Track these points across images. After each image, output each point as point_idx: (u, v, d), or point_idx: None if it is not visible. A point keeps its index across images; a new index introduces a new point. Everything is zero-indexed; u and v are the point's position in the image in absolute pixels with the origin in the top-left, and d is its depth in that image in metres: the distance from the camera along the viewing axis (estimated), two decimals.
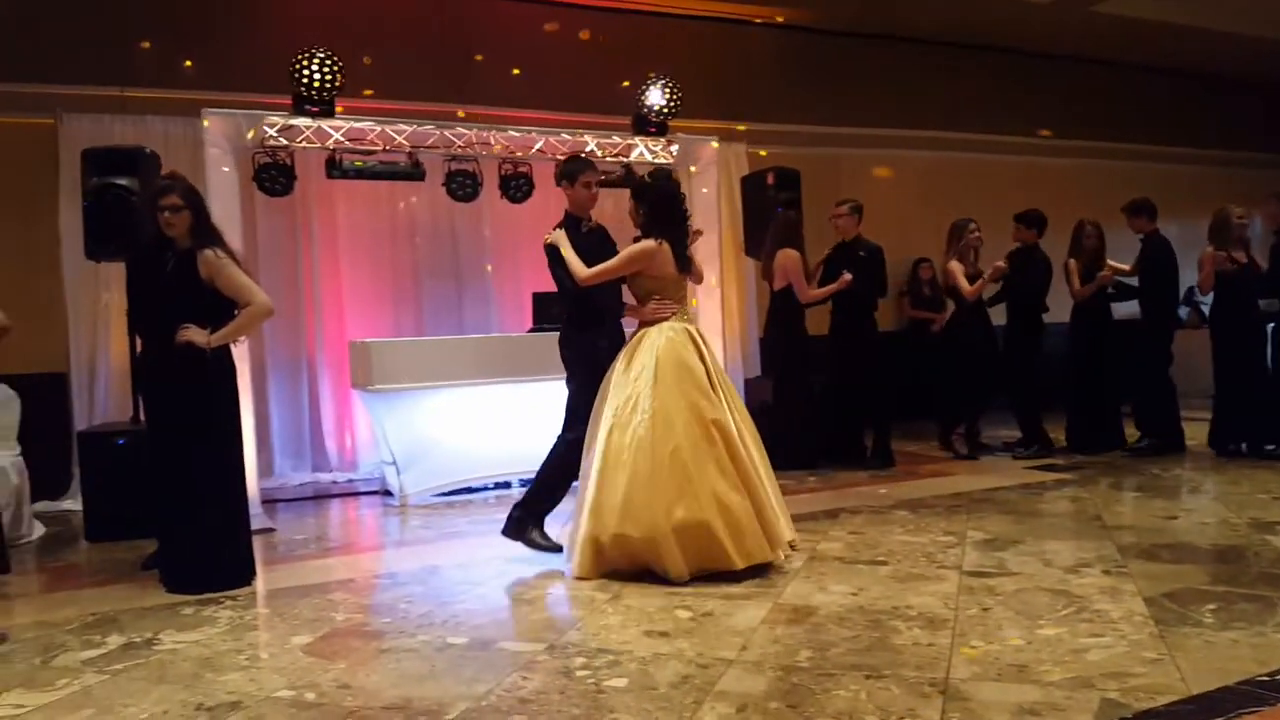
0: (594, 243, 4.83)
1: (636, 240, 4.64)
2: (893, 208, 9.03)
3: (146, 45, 6.99)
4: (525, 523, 4.79)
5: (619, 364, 4.52)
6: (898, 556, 4.55)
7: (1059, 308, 7.52)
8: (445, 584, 4.51)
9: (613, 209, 6.19)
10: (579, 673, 3.18)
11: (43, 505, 6.31)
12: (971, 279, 7.16)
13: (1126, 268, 7.32)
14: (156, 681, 3.28)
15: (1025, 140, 10.42)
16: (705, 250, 7.50)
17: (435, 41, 7.74)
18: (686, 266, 4.66)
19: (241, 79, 6.96)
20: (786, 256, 6.94)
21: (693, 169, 7.57)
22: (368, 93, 7.20)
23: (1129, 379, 7.32)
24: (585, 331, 4.82)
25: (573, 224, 4.89)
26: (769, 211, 7.42)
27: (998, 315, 7.46)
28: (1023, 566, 4.27)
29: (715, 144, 7.67)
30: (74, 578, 4.94)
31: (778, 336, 7.20)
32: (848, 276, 6.78)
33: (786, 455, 6.92)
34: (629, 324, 4.85)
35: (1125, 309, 7.46)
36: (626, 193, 5.01)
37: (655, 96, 7.33)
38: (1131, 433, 7.38)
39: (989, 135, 10.08)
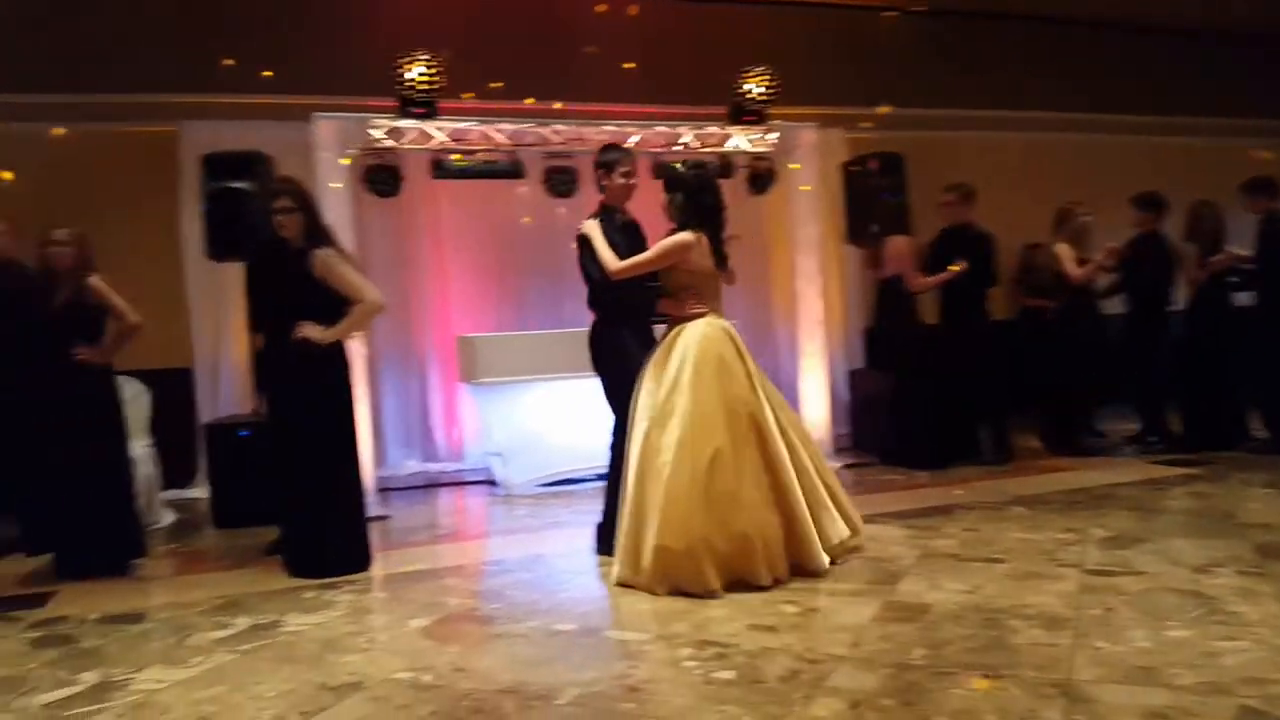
0: (628, 236, 4.68)
1: (671, 233, 4.43)
2: (1003, 191, 8.71)
3: (259, 55, 7.23)
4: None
5: (654, 360, 4.33)
6: (1014, 554, 4.41)
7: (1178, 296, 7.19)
8: (551, 572, 4.59)
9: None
10: (686, 663, 3.19)
11: (171, 493, 6.61)
12: (1082, 265, 6.88)
13: (1247, 253, 6.95)
14: (282, 661, 3.42)
15: (1141, 119, 9.97)
16: (804, 239, 7.46)
17: (532, 39, 7.79)
18: (723, 263, 4.47)
19: (350, 83, 7.13)
20: (897, 242, 6.73)
21: (791, 165, 7.49)
22: (468, 95, 7.30)
23: (1252, 371, 6.94)
24: (613, 327, 4.69)
25: (607, 216, 4.72)
26: (871, 198, 7.28)
27: (1117, 305, 7.17)
28: (1148, 565, 4.10)
29: (815, 131, 7.57)
30: (202, 562, 5.19)
31: (890, 327, 6.97)
32: (957, 267, 6.56)
33: (899, 450, 6.85)
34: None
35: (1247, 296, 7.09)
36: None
37: (753, 85, 7.25)
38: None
39: (1104, 115, 9.67)
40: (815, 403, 7.43)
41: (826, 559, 4.15)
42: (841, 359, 8.10)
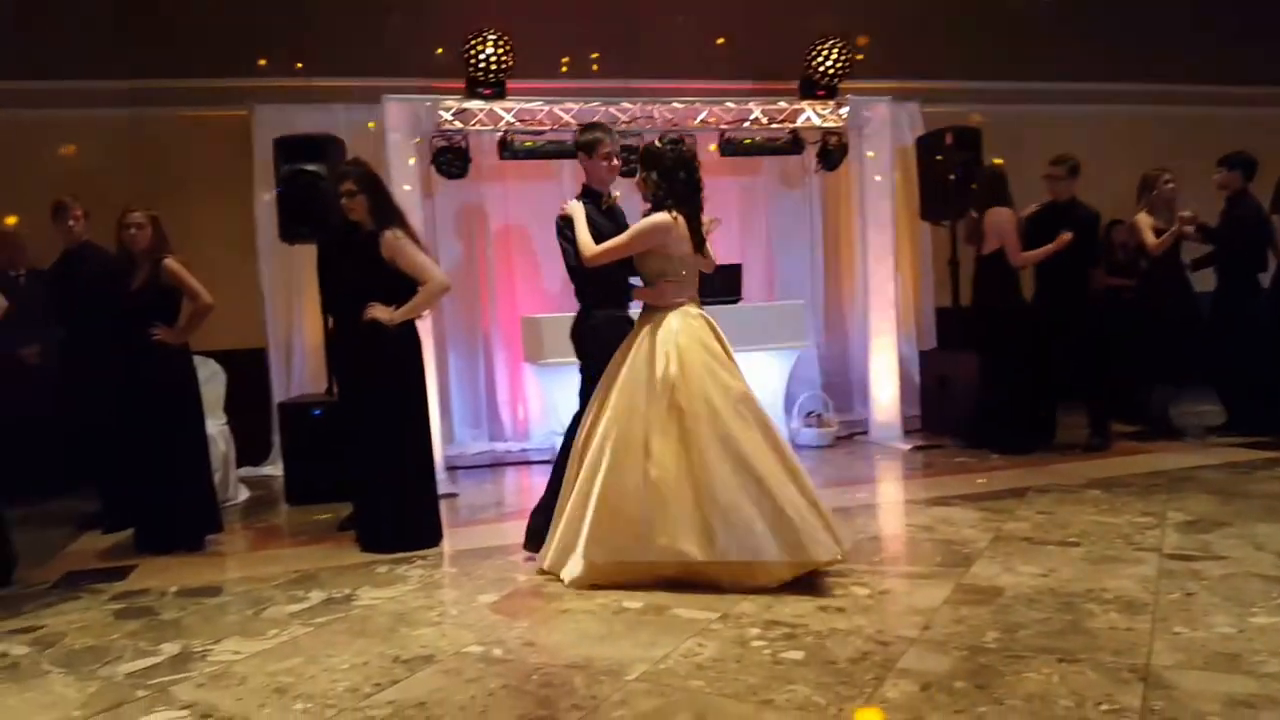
0: (613, 221, 4.44)
1: (646, 214, 4.16)
2: (1083, 169, 8.50)
3: (329, 38, 7.33)
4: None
5: (629, 351, 4.06)
6: (1091, 537, 4.31)
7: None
8: None
9: None
10: (754, 643, 3.18)
11: (246, 470, 6.79)
12: (1162, 235, 6.56)
13: None
14: (356, 635, 3.49)
15: (1228, 90, 9.58)
16: (878, 216, 7.34)
17: (599, 16, 7.77)
18: (702, 243, 4.16)
19: (418, 65, 7.21)
20: (998, 215, 6.37)
21: (866, 135, 7.37)
22: (535, 73, 7.32)
23: None
24: (594, 315, 4.43)
25: (592, 199, 4.46)
26: (946, 174, 7.11)
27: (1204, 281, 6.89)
28: (1231, 550, 3.97)
29: (888, 105, 7.43)
30: (277, 537, 5.31)
31: (990, 305, 6.55)
32: (1067, 235, 6.23)
33: (983, 432, 6.59)
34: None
35: None
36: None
37: (824, 58, 7.13)
38: None
39: (1188, 86, 9.32)
40: (886, 384, 7.34)
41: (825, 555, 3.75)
42: (913, 340, 7.98)
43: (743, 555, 3.66)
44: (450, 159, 6.73)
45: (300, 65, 7.13)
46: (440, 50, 6.84)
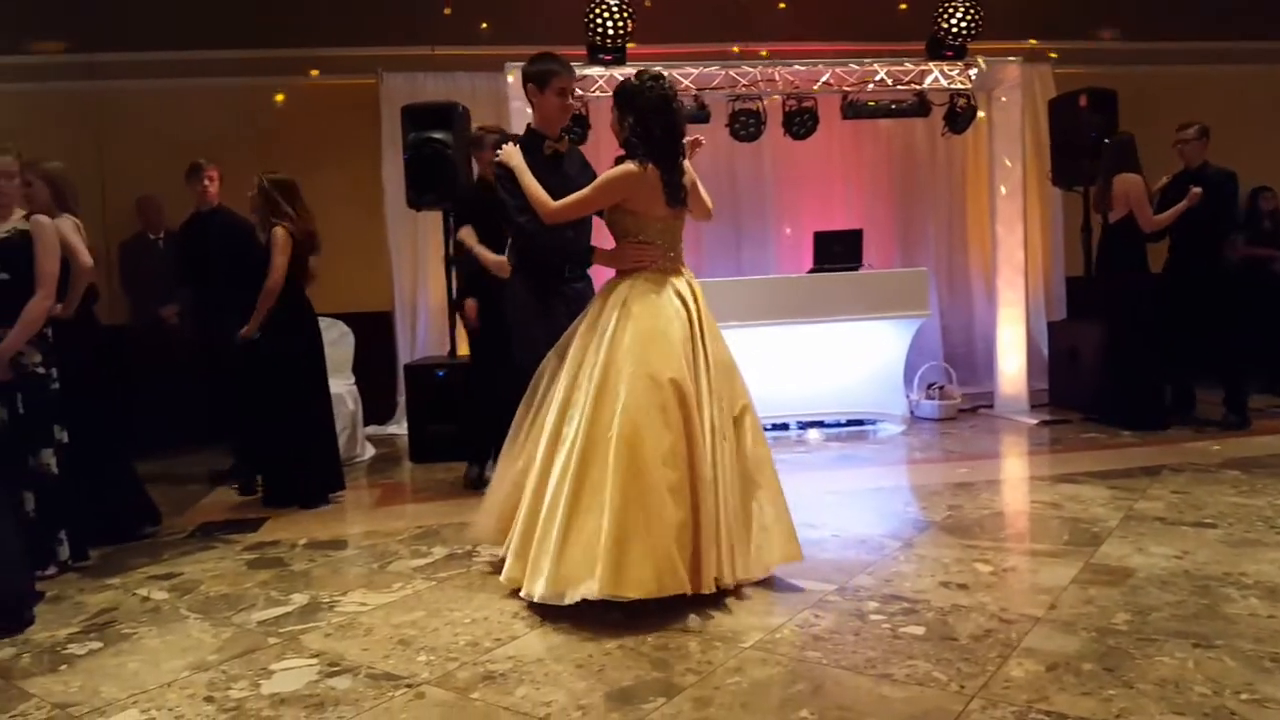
0: (562, 170, 3.91)
1: (618, 162, 3.62)
2: (1224, 130, 8.00)
3: (454, 6, 7.43)
4: None
5: (581, 322, 3.61)
6: (1228, 519, 4.10)
7: None
8: None
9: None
10: (873, 616, 3.14)
11: (372, 429, 7.04)
12: None
13: None
14: (476, 590, 3.59)
15: None
16: (1007, 181, 7.06)
17: None
18: (678, 199, 3.58)
19: (541, 32, 7.24)
20: (1127, 181, 6.11)
21: (996, 98, 7.09)
22: (659, 37, 7.27)
23: None
24: (530, 280, 3.95)
25: (533, 143, 3.91)
26: (1081, 137, 6.81)
27: None
28: None
29: (1019, 66, 7.12)
30: (400, 494, 5.50)
31: (1117, 275, 6.29)
32: (1198, 190, 5.94)
33: (1113, 408, 6.35)
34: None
35: None
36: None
37: (953, 17, 6.88)
38: None
39: None
40: (1012, 355, 7.11)
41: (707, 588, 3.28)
42: (1041, 311, 7.70)
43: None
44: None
45: (426, 34, 7.26)
46: (565, 18, 6.85)
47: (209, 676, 2.90)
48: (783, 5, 7.63)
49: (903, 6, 7.22)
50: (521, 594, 3.32)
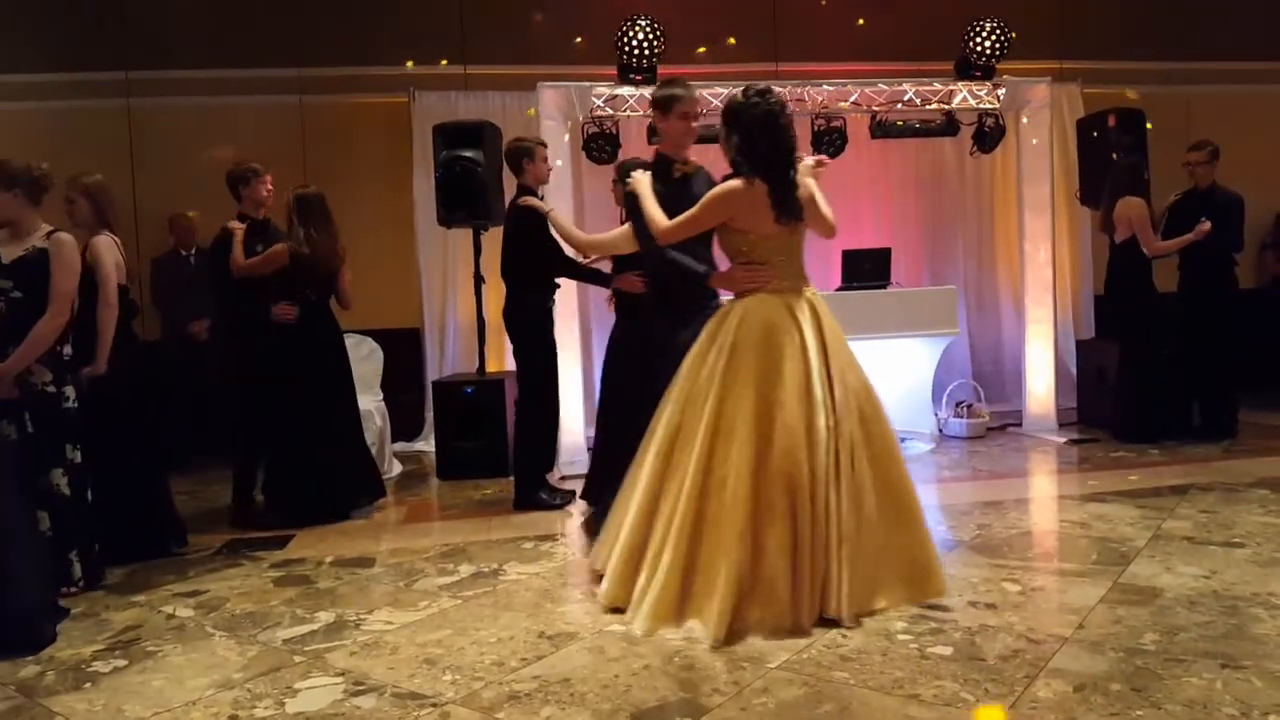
0: (691, 191, 3.87)
1: (726, 179, 3.52)
2: (1253, 151, 7.94)
3: (486, 26, 7.52)
4: None
5: (696, 350, 3.52)
6: (1257, 539, 4.06)
7: None
8: None
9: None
10: (900, 636, 3.12)
11: (400, 445, 7.07)
12: None
13: None
14: (503, 609, 3.60)
15: None
16: (1033, 199, 7.04)
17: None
18: (791, 214, 3.43)
19: (572, 52, 7.33)
20: (1129, 205, 6.26)
21: (1024, 117, 7.07)
22: (684, 55, 7.31)
23: None
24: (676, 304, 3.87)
25: (662, 168, 3.92)
26: (1108, 157, 6.78)
27: None
28: None
29: (1047, 86, 7.11)
30: (427, 511, 5.51)
31: (1121, 295, 6.48)
32: (1206, 225, 6.04)
33: (1130, 426, 6.43)
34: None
35: None
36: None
37: (982, 38, 6.87)
38: None
39: None
40: (1040, 374, 7.07)
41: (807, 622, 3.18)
42: (1069, 329, 7.66)
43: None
44: (600, 144, 6.81)
45: (458, 54, 7.35)
46: (596, 39, 6.92)
47: (234, 695, 2.92)
48: (828, 23, 7.64)
49: (946, 25, 7.21)
50: (626, 625, 3.30)
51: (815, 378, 3.30)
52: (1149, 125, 7.01)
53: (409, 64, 7.43)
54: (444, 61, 7.46)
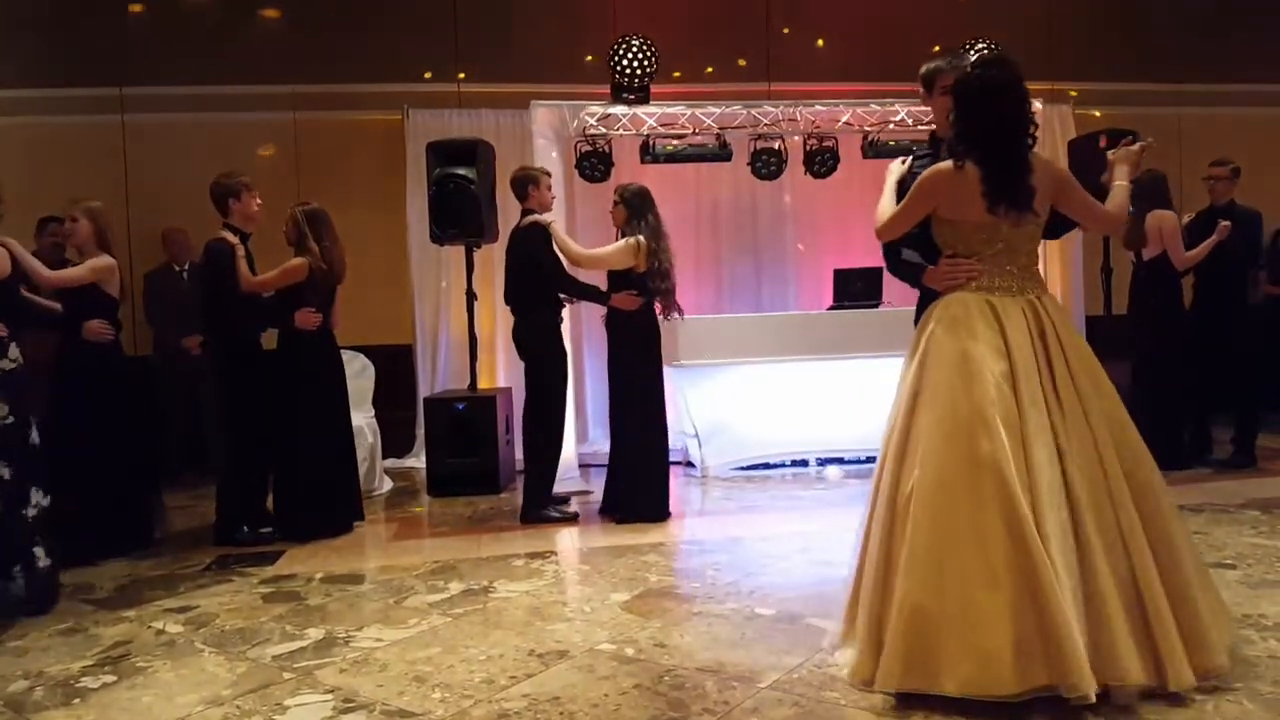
0: None
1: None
2: (1245, 172, 7.99)
3: (480, 45, 7.56)
4: None
5: (909, 354, 3.10)
6: (1248, 560, 4.07)
7: None
8: (749, 555, 4.57)
9: None
10: None
11: (391, 462, 7.05)
12: None
13: None
14: (492, 626, 3.59)
15: None
16: None
17: (740, 20, 7.77)
18: (1009, 202, 2.88)
19: (566, 71, 7.36)
20: (1161, 218, 6.05)
21: None
22: (677, 75, 7.37)
23: None
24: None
25: (934, 150, 3.35)
26: (1099, 178, 6.81)
27: None
28: None
29: (1039, 106, 7.15)
30: (418, 528, 5.50)
31: (1148, 313, 6.24)
32: (1226, 224, 5.95)
33: (1154, 445, 6.27)
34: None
35: None
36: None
37: (972, 58, 6.93)
38: None
39: None
40: None
41: (1092, 683, 2.53)
42: None
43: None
44: (593, 163, 6.85)
45: (452, 72, 7.38)
46: (590, 58, 6.96)
47: (223, 711, 2.90)
48: (820, 43, 7.69)
49: (938, 48, 7.27)
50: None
51: (1039, 391, 2.80)
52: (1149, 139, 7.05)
53: (403, 81, 7.45)
54: (435, 78, 7.48)
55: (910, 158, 3.34)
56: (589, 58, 6.97)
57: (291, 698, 2.98)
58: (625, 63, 6.54)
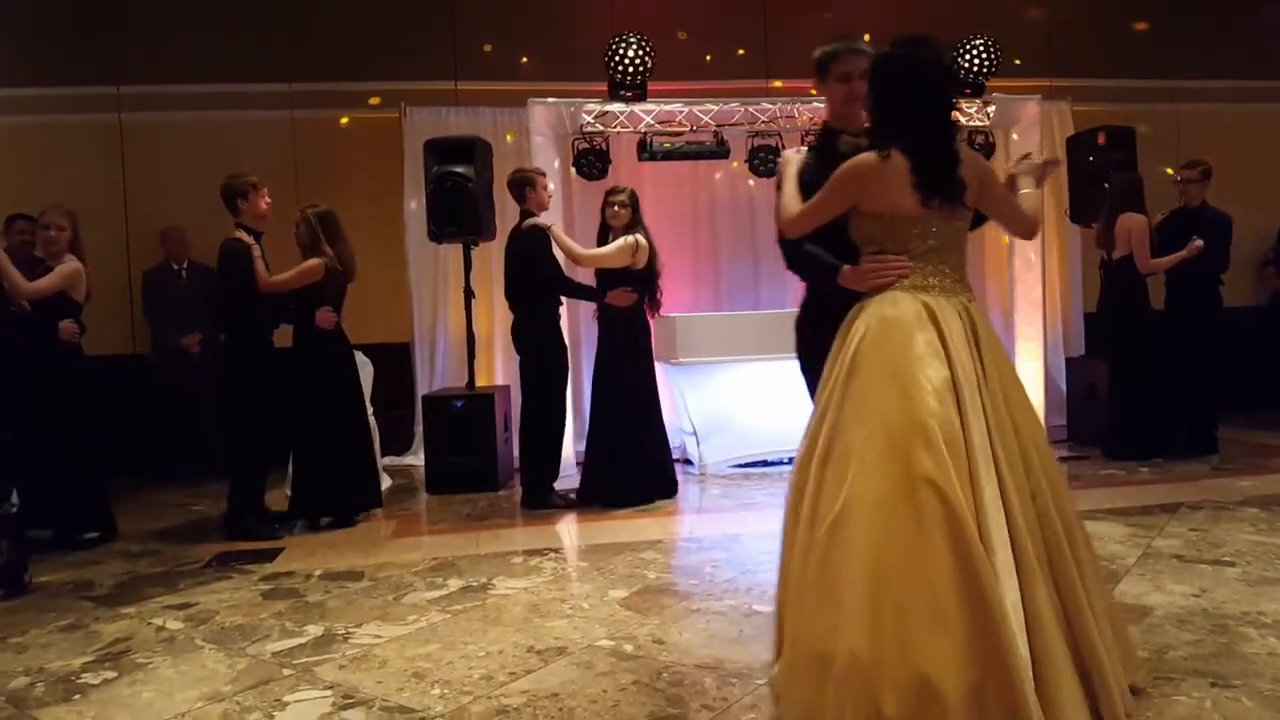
0: None
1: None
2: (1244, 168, 8.01)
3: (477, 43, 7.56)
4: None
5: (830, 359, 2.71)
6: (1247, 557, 4.07)
7: None
8: (747, 552, 4.57)
9: None
10: None
11: (389, 460, 7.04)
12: None
13: None
14: (491, 623, 3.60)
15: None
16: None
17: (738, 16, 7.77)
18: (939, 192, 2.61)
19: (563, 68, 7.36)
20: (1131, 221, 6.24)
21: (1014, 134, 7.13)
22: (674, 72, 7.36)
23: None
24: (809, 309, 3.12)
25: (826, 142, 3.06)
26: (1098, 175, 6.84)
27: None
28: None
29: (1037, 103, 7.17)
30: (416, 525, 5.51)
31: (1117, 312, 6.50)
32: (1199, 242, 6.06)
33: (1121, 443, 6.46)
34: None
35: None
36: None
37: (971, 56, 6.94)
38: None
39: None
40: (1030, 391, 7.04)
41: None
42: (1060, 347, 7.70)
43: None
44: (590, 161, 6.85)
45: (449, 70, 7.38)
46: (587, 56, 6.96)
47: (223, 708, 2.91)
48: (805, 43, 7.66)
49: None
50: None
51: (973, 399, 2.50)
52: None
53: (400, 80, 7.45)
54: (432, 76, 7.48)
55: (805, 148, 3.10)
56: (586, 56, 6.95)
57: (291, 694, 2.99)
58: (623, 60, 6.54)
